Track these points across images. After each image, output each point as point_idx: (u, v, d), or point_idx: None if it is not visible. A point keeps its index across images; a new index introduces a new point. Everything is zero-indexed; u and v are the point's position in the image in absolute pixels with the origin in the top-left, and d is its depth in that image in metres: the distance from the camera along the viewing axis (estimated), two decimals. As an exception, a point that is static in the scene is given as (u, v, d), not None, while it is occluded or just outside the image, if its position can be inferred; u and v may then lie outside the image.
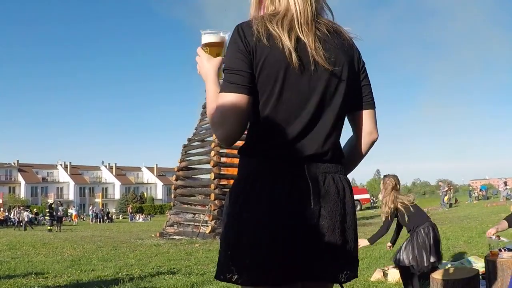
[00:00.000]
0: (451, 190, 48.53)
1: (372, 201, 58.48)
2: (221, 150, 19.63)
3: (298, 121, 2.07)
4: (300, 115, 2.08)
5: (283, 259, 1.98)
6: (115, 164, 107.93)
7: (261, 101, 2.07)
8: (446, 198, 47.52)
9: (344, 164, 2.26)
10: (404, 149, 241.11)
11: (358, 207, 49.40)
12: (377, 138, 2.35)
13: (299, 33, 2.07)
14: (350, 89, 2.20)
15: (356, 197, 45.26)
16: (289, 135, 2.06)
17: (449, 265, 7.95)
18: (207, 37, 2.25)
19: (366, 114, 2.31)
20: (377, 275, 7.66)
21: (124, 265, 11.12)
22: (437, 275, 5.51)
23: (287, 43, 2.02)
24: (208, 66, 2.19)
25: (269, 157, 2.07)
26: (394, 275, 7.33)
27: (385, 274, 7.64)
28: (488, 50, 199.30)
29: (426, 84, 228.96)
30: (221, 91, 2.05)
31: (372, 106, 2.33)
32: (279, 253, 1.97)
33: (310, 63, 2.06)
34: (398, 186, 6.47)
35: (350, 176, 2.39)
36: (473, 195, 54.08)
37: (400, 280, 7.12)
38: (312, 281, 2.11)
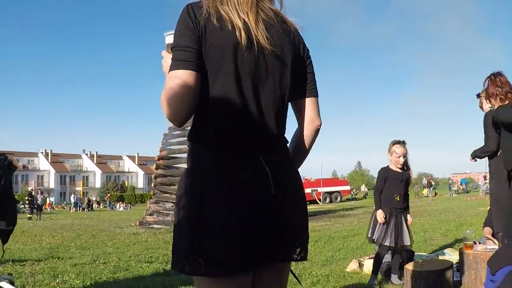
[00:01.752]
0: (432, 183, 48.87)
1: (352, 193, 58.74)
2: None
3: (248, 105, 2.08)
4: (250, 99, 2.09)
5: (254, 247, 2.00)
6: (96, 152, 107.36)
7: (210, 82, 2.07)
8: (425, 190, 48.02)
9: (294, 156, 2.33)
10: (385, 141, 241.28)
11: (339, 199, 49.63)
12: (320, 125, 2.37)
13: (239, 11, 2.09)
14: (295, 76, 2.24)
15: (336, 188, 45.60)
16: (241, 119, 2.08)
17: (424, 257, 8.02)
18: (171, 38, 2.22)
19: (309, 102, 2.35)
20: (352, 265, 7.68)
21: (102, 253, 11.07)
22: (411, 266, 5.56)
23: (238, 23, 2.05)
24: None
25: (223, 144, 2.06)
26: (370, 265, 7.32)
27: (360, 265, 7.65)
28: (472, 42, 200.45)
29: (409, 78, 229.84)
30: (169, 70, 2.04)
31: (315, 94, 2.36)
32: (249, 241, 1.98)
33: (255, 45, 2.08)
34: None
35: (331, 167, 2.43)
36: (453, 188, 54.57)
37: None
38: (277, 262, 2.16)
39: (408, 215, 6.68)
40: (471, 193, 49.34)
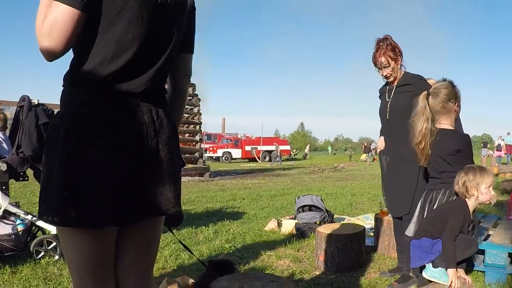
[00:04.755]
0: (370, 148, 49.53)
1: (292, 153, 59.17)
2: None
3: (135, 52, 1.99)
4: (139, 46, 2.00)
5: (128, 197, 1.97)
6: (38, 100, 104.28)
7: (102, 24, 1.95)
8: (364, 155, 48.77)
9: (173, 111, 2.31)
10: (329, 104, 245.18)
11: (278, 158, 49.89)
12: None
13: None
14: (185, 30, 2.26)
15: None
16: (126, 66, 1.98)
17: (344, 220, 8.03)
18: None
19: (188, 57, 2.40)
20: (271, 224, 7.65)
21: (27, 203, 10.75)
22: (322, 229, 5.48)
23: None
24: None
25: (103, 89, 1.97)
26: (287, 225, 7.33)
27: (279, 224, 7.66)
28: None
29: (351, 45, 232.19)
30: None
31: (193, 50, 2.42)
32: (123, 192, 1.95)
33: None
34: None
35: (273, 126, 2.37)
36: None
37: (293, 231, 7.12)
38: (152, 215, 2.15)
39: None
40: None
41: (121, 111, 1.97)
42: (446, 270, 3.88)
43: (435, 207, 4.11)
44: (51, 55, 1.89)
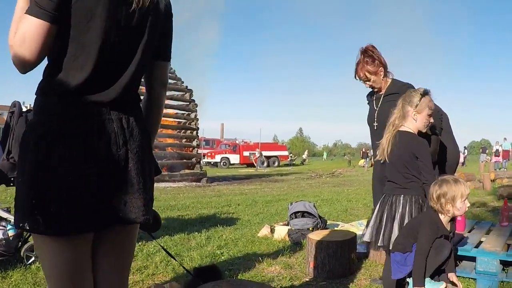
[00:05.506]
0: (368, 154, 49.50)
1: (290, 158, 59.12)
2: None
3: (105, 61, 2.01)
4: (108, 55, 2.01)
5: (96, 206, 1.97)
6: (30, 105, 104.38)
7: (72, 34, 1.95)
8: (362, 161, 48.73)
9: (150, 119, 2.35)
10: (328, 109, 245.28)
11: (276, 163, 49.84)
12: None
13: None
14: (160, 37, 2.24)
15: (275, 153, 45.32)
16: (96, 75, 1.99)
17: (338, 226, 8.00)
18: None
19: (164, 65, 2.38)
20: (264, 231, 7.61)
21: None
22: (313, 236, 5.46)
23: None
24: None
25: (72, 98, 1.98)
26: (280, 232, 7.29)
27: (272, 230, 7.62)
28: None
29: (350, 50, 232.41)
30: (26, 12, 1.87)
31: (169, 58, 2.39)
32: (90, 200, 1.96)
33: (131, 4, 2.03)
34: None
35: (272, 132, 2.36)
36: (389, 160, 55.35)
37: (286, 237, 7.09)
38: (122, 224, 2.14)
39: None
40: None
41: (89, 120, 1.98)
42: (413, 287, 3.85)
43: (397, 214, 4.12)
44: (23, 67, 1.91)
